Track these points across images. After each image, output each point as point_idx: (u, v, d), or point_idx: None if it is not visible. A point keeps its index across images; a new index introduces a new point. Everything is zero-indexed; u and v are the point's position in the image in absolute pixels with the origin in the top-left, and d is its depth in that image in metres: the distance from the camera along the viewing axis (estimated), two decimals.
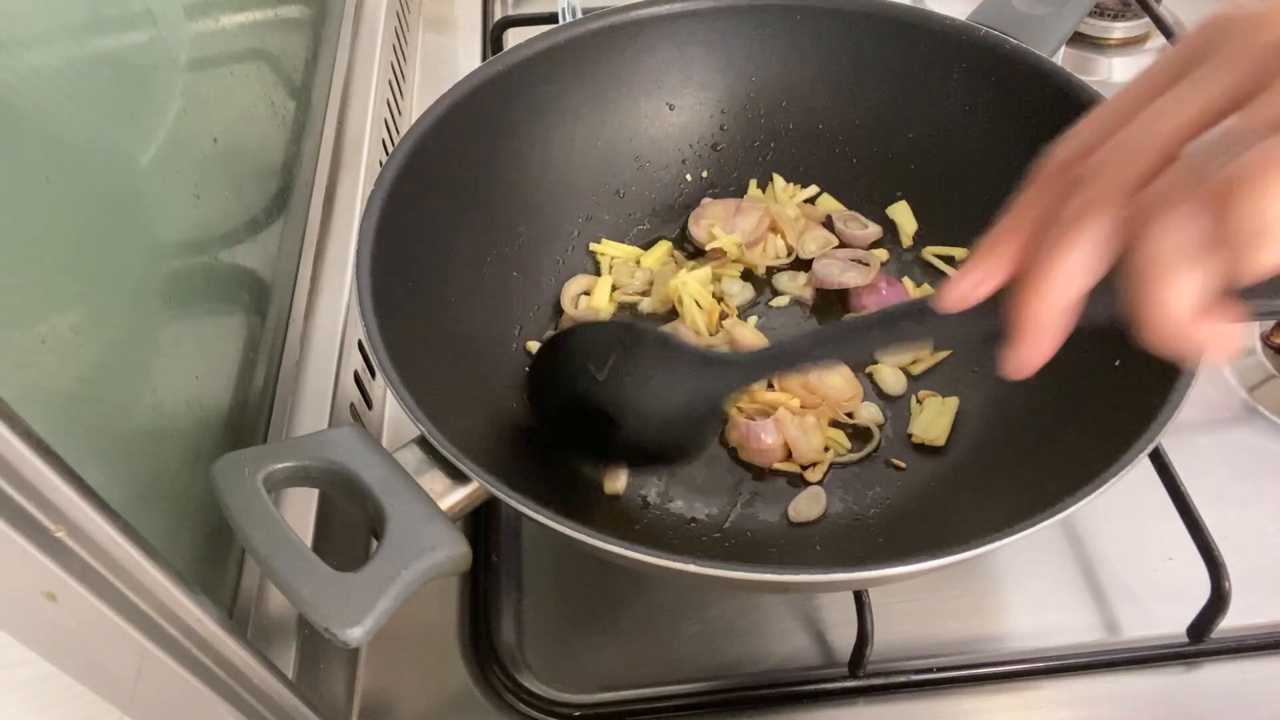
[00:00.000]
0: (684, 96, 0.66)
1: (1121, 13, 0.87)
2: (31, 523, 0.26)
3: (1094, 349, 0.52)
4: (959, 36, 0.60)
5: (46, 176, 0.35)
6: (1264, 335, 0.65)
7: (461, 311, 0.57)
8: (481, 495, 0.43)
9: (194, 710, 0.35)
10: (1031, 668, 0.51)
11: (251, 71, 0.59)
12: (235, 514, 0.39)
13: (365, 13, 0.80)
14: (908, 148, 0.64)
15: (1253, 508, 0.57)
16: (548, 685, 0.51)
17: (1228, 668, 0.51)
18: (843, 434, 0.58)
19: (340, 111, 0.71)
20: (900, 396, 0.59)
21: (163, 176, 0.46)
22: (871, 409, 0.59)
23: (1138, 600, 0.54)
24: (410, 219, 0.52)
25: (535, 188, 0.63)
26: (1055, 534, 0.57)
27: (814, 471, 0.56)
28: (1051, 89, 0.56)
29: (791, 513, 0.55)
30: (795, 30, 0.64)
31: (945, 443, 0.57)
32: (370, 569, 0.38)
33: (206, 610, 0.34)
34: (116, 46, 0.43)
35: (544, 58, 0.60)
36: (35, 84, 0.36)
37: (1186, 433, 0.60)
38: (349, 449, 0.42)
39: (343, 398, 0.56)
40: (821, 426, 0.57)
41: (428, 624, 0.54)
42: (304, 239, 0.62)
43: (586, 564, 0.55)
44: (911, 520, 0.54)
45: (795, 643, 0.52)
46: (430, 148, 0.54)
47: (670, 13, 0.63)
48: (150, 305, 0.43)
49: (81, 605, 0.29)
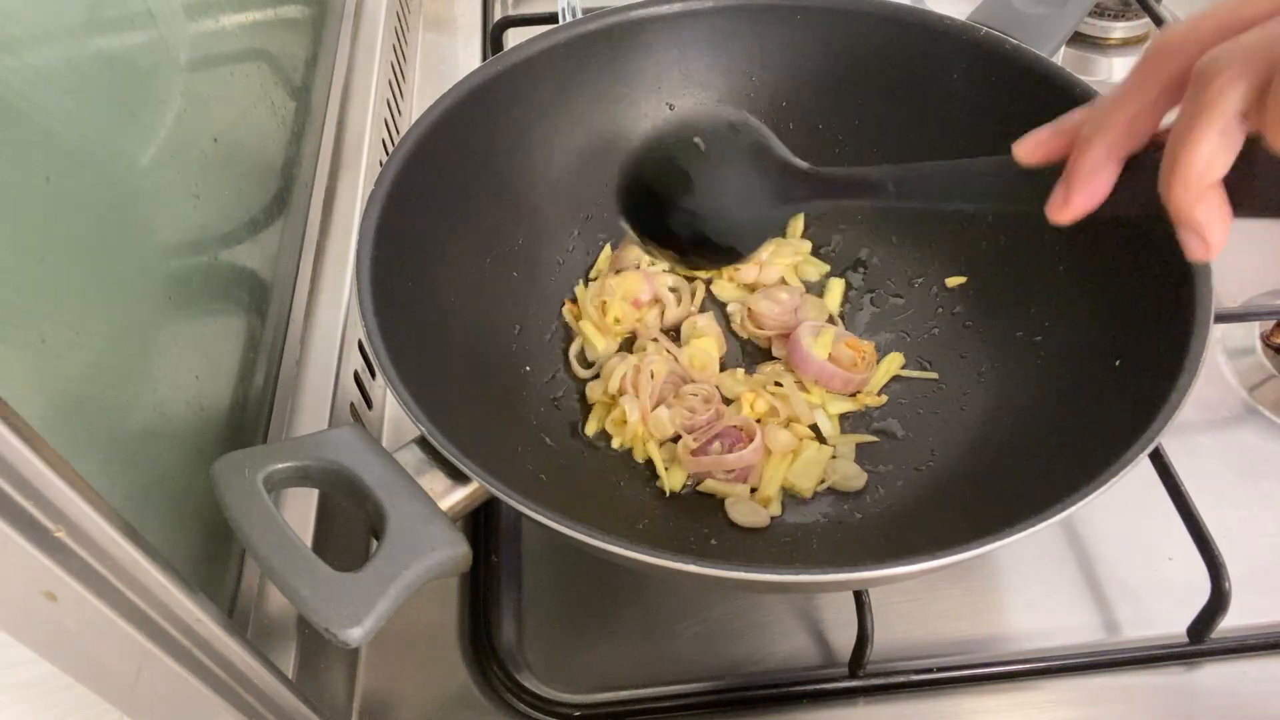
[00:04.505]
0: (684, 96, 0.66)
1: (1121, 13, 0.87)
2: (31, 523, 0.26)
3: (1093, 349, 0.52)
4: (959, 36, 0.60)
5: (46, 177, 0.35)
6: (1264, 335, 0.65)
7: (461, 311, 0.57)
8: (481, 495, 0.43)
9: (194, 710, 0.35)
10: (1031, 668, 0.51)
11: (251, 71, 0.59)
12: (235, 514, 0.39)
13: (365, 13, 0.80)
14: (908, 148, 0.64)
15: (1253, 508, 0.57)
16: (548, 685, 0.51)
17: (1228, 668, 0.51)
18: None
19: (340, 111, 0.71)
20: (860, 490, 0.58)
21: (163, 176, 0.46)
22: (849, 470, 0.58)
23: (1138, 600, 0.54)
24: (410, 219, 0.52)
25: (535, 188, 0.63)
26: (1055, 534, 0.57)
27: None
28: (1051, 89, 0.56)
29: (735, 516, 0.55)
30: (795, 30, 0.64)
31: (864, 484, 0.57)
32: (370, 569, 0.38)
33: (206, 610, 0.34)
34: (116, 46, 0.43)
35: (544, 58, 0.60)
36: (35, 84, 0.36)
37: (1186, 433, 0.60)
38: (349, 449, 0.42)
39: (343, 398, 0.56)
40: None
41: (428, 624, 0.54)
42: (304, 239, 0.62)
43: (586, 564, 0.55)
44: (911, 520, 0.54)
45: (795, 643, 0.52)
46: (430, 148, 0.54)
47: (670, 13, 0.63)
48: (150, 305, 0.43)
49: (81, 605, 0.29)
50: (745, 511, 0.55)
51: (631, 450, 0.59)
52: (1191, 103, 0.29)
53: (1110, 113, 0.32)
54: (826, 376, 0.60)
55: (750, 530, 0.55)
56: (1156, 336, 0.46)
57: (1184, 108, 0.30)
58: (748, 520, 0.55)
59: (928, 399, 0.60)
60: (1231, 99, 0.28)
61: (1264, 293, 0.67)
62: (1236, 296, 0.67)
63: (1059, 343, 0.56)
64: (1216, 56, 0.29)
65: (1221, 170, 0.30)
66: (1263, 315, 0.64)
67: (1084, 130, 0.33)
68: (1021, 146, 0.35)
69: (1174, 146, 0.30)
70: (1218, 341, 0.66)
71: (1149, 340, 0.47)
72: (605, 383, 0.60)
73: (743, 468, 0.56)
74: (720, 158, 0.45)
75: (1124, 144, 0.32)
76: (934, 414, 0.59)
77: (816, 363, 0.60)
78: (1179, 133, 0.30)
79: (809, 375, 0.60)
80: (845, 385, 0.60)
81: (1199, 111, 0.29)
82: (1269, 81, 0.28)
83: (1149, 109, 0.32)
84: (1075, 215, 0.34)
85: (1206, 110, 0.29)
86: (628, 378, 0.59)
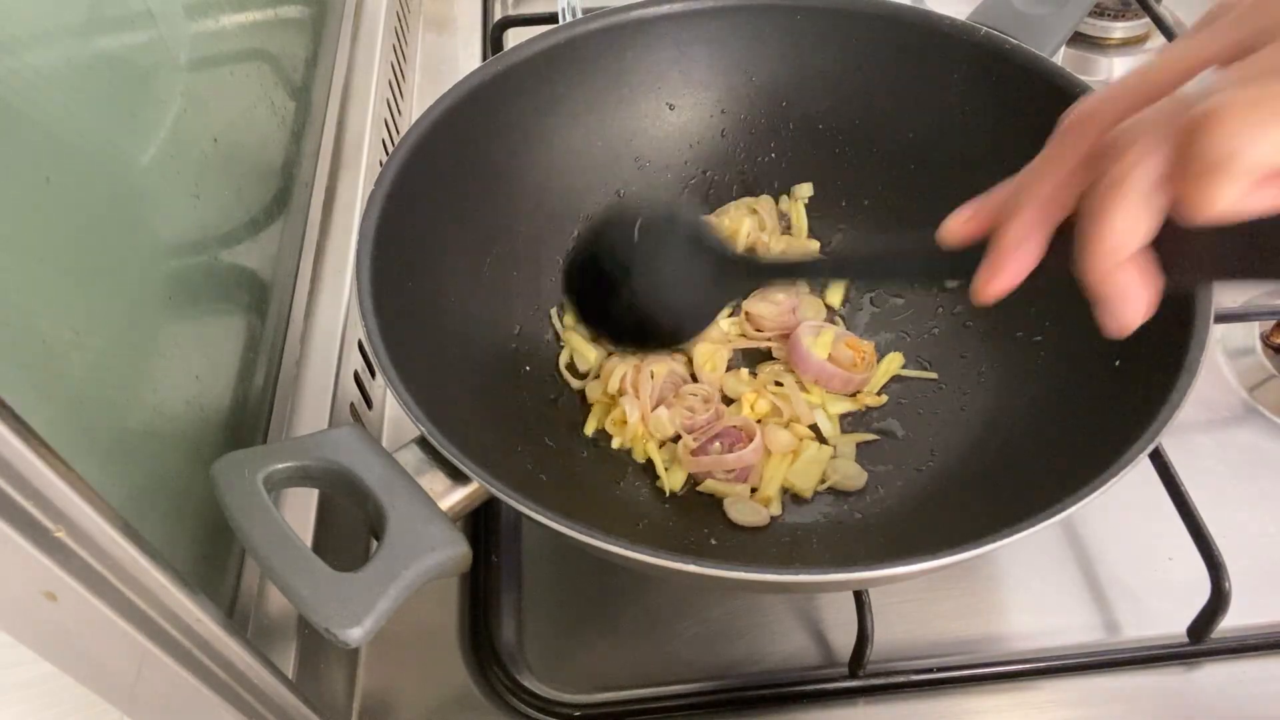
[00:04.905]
0: (684, 96, 0.66)
1: (1121, 13, 0.87)
2: (31, 523, 0.26)
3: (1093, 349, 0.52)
4: (959, 36, 0.60)
5: (46, 176, 0.35)
6: (1264, 335, 0.65)
7: (461, 311, 0.57)
8: (481, 495, 0.43)
9: (194, 710, 0.35)
10: (1031, 668, 0.51)
11: (251, 71, 0.59)
12: (235, 514, 0.39)
13: (365, 13, 0.80)
14: (908, 148, 0.64)
15: (1253, 508, 0.57)
16: (548, 685, 0.51)
17: (1228, 668, 0.51)
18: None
19: (340, 111, 0.71)
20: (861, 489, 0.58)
21: (163, 176, 0.46)
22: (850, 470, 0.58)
23: (1138, 600, 0.54)
24: (410, 219, 0.52)
25: (535, 188, 0.63)
26: (1055, 534, 0.57)
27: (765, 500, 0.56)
28: (1051, 89, 0.56)
29: (734, 516, 0.55)
30: (795, 30, 0.64)
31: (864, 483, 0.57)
32: (370, 569, 0.38)
33: (206, 610, 0.34)
34: (116, 46, 0.43)
35: (544, 58, 0.60)
36: (35, 84, 0.36)
37: (1186, 433, 0.60)
38: (349, 449, 0.42)
39: (343, 398, 0.56)
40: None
41: (428, 624, 0.54)
42: (304, 239, 0.62)
43: (586, 564, 0.55)
44: (911, 520, 0.54)
45: (795, 643, 0.52)
46: (430, 148, 0.54)
47: (670, 13, 0.63)
48: (150, 305, 0.43)
49: (81, 605, 0.29)
50: (745, 511, 0.55)
51: (631, 450, 0.59)
52: (1104, 176, 0.29)
53: (1030, 186, 0.32)
54: (826, 376, 0.60)
55: (750, 530, 0.55)
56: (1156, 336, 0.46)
57: (1097, 181, 0.29)
58: (747, 520, 0.55)
59: (928, 399, 0.60)
60: (1144, 170, 0.28)
61: (1264, 293, 0.67)
62: (1236, 296, 0.67)
63: (1059, 343, 0.56)
64: (1128, 128, 0.29)
65: (1137, 243, 0.29)
66: (1263, 315, 0.64)
67: (1006, 206, 0.33)
68: (946, 228, 0.35)
69: (1085, 221, 0.29)
70: (1218, 341, 0.66)
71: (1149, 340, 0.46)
72: (605, 383, 0.60)
73: (742, 468, 0.56)
74: (656, 249, 0.46)
75: (1046, 218, 0.32)
76: (934, 414, 0.59)
77: (816, 363, 0.60)
78: (1091, 207, 0.29)
79: (809, 375, 0.60)
80: (845, 385, 0.60)
81: (1111, 185, 0.28)
82: (1184, 148, 0.27)
83: (1068, 181, 0.31)
84: (1002, 289, 0.33)
85: (1118, 184, 0.28)
86: (628, 378, 0.59)
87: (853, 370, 0.60)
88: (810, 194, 0.67)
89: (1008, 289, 0.34)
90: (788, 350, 0.62)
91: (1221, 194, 0.26)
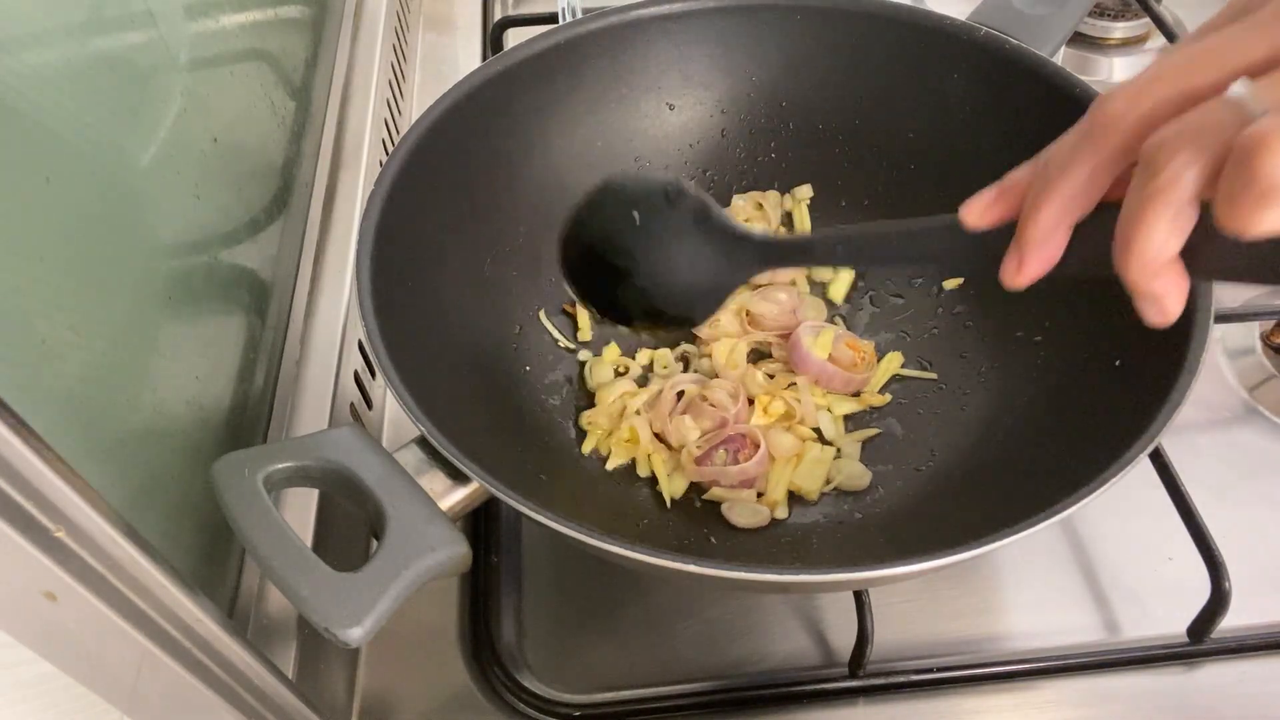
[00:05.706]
0: (684, 96, 0.66)
1: (1121, 13, 0.87)
2: (31, 523, 0.26)
3: (1093, 349, 0.52)
4: (959, 36, 0.60)
5: (46, 176, 0.35)
6: (1264, 335, 0.65)
7: (461, 311, 0.57)
8: (481, 495, 0.43)
9: (194, 710, 0.35)
10: (1031, 668, 0.51)
11: (251, 71, 0.59)
12: (235, 514, 0.39)
13: (365, 13, 0.80)
14: (908, 148, 0.64)
15: (1253, 508, 0.57)
16: (548, 685, 0.51)
17: (1228, 668, 0.51)
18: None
19: (340, 111, 0.71)
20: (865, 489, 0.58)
21: (163, 176, 0.46)
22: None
23: (1138, 600, 0.54)
24: (410, 219, 0.52)
25: (535, 188, 0.63)
26: (1055, 534, 0.57)
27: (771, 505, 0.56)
28: (1052, 89, 0.56)
29: (733, 518, 0.55)
30: (795, 30, 0.64)
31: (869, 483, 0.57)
32: (370, 569, 0.38)
33: (206, 610, 0.34)
34: (116, 46, 0.43)
35: (544, 58, 0.60)
36: (35, 84, 0.36)
37: (1186, 433, 0.60)
38: (349, 449, 0.42)
39: (343, 398, 0.56)
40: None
41: (428, 624, 0.54)
42: (304, 239, 0.62)
43: (586, 564, 0.55)
44: (911, 520, 0.54)
45: (795, 643, 0.52)
46: (430, 148, 0.54)
47: (670, 13, 0.63)
48: (150, 305, 0.43)
49: (81, 605, 0.29)
50: (743, 512, 0.55)
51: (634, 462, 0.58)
52: (1142, 185, 0.29)
53: (1057, 181, 0.32)
54: (827, 376, 0.60)
55: (750, 530, 0.55)
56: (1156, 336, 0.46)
57: (1135, 188, 0.30)
58: (746, 521, 0.55)
59: (928, 399, 0.60)
60: (1184, 185, 0.28)
61: (1264, 292, 0.67)
62: (1236, 296, 0.67)
63: (1059, 342, 0.56)
64: (1170, 139, 0.29)
65: (1176, 249, 0.30)
66: (1263, 315, 0.64)
67: (1031, 195, 0.33)
68: (968, 211, 0.35)
69: (1126, 227, 0.30)
70: (1218, 341, 0.66)
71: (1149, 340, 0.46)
72: (603, 411, 0.59)
73: (747, 478, 0.56)
74: (661, 231, 0.44)
75: (1072, 212, 0.32)
76: (934, 414, 0.59)
77: (817, 363, 0.59)
78: (1131, 213, 0.30)
79: (809, 375, 0.60)
80: (845, 385, 0.60)
81: (1152, 196, 0.29)
82: (1221, 162, 0.27)
83: (1094, 179, 0.31)
84: (1030, 279, 0.34)
85: (1159, 195, 0.29)
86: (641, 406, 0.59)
87: (853, 370, 0.60)
88: (810, 196, 0.67)
89: (1038, 277, 0.34)
90: (788, 350, 0.62)
91: (1273, 218, 0.27)
